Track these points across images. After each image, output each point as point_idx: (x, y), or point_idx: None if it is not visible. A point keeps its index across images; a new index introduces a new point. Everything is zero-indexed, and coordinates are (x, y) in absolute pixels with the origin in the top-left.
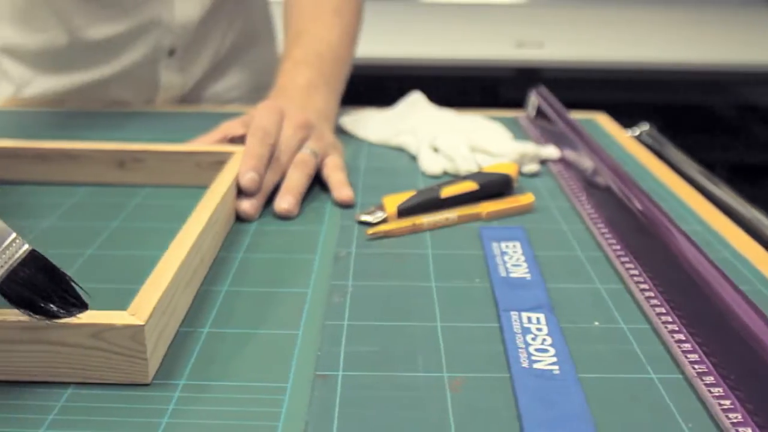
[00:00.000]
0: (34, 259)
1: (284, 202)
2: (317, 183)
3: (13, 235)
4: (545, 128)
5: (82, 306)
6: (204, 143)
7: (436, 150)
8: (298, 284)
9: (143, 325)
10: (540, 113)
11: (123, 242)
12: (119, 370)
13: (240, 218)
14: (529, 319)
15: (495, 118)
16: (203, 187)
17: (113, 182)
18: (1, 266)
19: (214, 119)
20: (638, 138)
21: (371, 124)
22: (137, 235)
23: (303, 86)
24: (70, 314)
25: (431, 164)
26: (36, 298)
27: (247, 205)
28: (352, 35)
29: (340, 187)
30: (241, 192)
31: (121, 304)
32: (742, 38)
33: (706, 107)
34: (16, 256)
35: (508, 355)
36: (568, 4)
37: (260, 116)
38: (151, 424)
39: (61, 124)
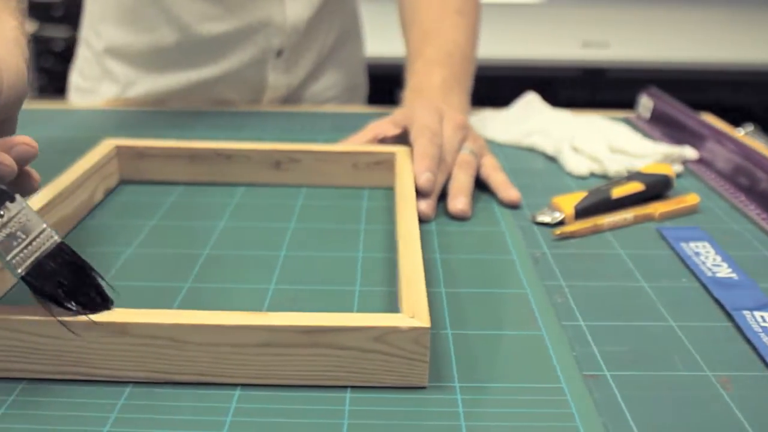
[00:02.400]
0: (61, 252)
1: (459, 203)
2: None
3: (43, 226)
4: (669, 128)
5: (105, 305)
6: (355, 143)
7: (576, 151)
8: (512, 285)
9: (428, 328)
10: (657, 114)
11: (310, 243)
12: (398, 373)
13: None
14: (763, 318)
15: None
16: (359, 188)
17: (268, 182)
18: (28, 257)
19: (317, 119)
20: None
21: (495, 124)
22: (320, 236)
23: (438, 86)
24: (87, 313)
25: (577, 165)
26: (58, 292)
27: (424, 206)
28: (476, 34)
29: (506, 187)
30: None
31: (308, 305)
32: None
33: None
34: (44, 248)
35: (762, 354)
36: (633, 4)
37: (422, 116)
38: (443, 427)
39: (166, 123)
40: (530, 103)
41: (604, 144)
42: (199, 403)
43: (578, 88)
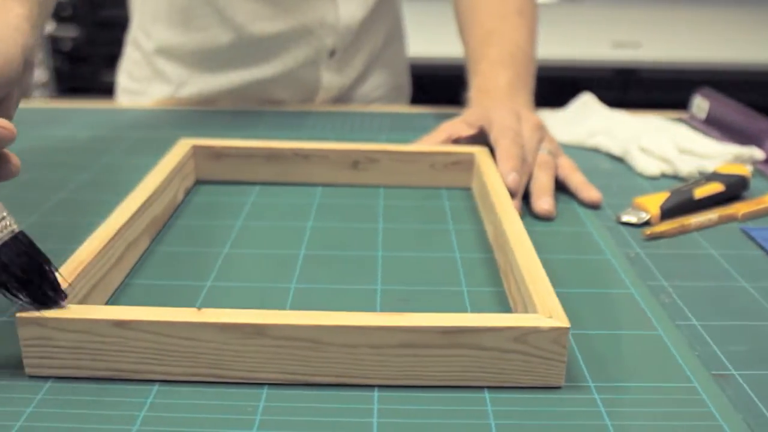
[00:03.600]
0: (17, 242)
1: (544, 203)
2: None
3: (3, 214)
4: (727, 129)
5: (57, 300)
6: (429, 144)
7: (644, 151)
8: (615, 285)
9: (568, 328)
10: (714, 114)
11: (404, 243)
12: (535, 374)
13: None
14: None
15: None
16: (435, 188)
17: (345, 182)
18: None
19: (368, 119)
20: None
21: (554, 125)
22: (412, 237)
23: (504, 87)
24: (37, 307)
25: (648, 166)
26: (11, 281)
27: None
28: (535, 35)
29: (587, 188)
30: None
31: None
32: None
33: None
34: (1, 235)
35: None
36: (664, 4)
37: (502, 117)
38: (589, 426)
39: (218, 123)
40: (586, 103)
41: (671, 144)
42: (341, 405)
43: (609, 88)
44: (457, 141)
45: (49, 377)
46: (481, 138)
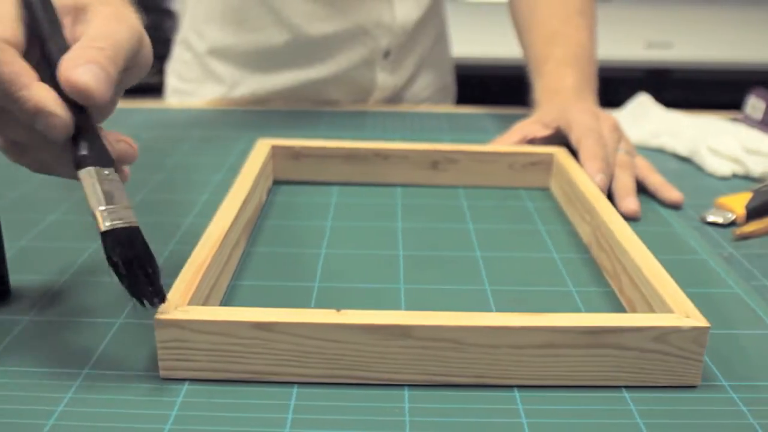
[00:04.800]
0: (136, 234)
1: (630, 203)
2: None
3: (129, 205)
4: None
5: (155, 301)
6: (503, 144)
7: (712, 152)
8: (717, 284)
9: (708, 327)
10: None
11: (499, 243)
12: (673, 373)
13: None
14: None
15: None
16: (514, 189)
17: (424, 183)
18: (114, 219)
19: (424, 119)
20: None
21: None
22: (504, 237)
23: (572, 88)
24: (137, 300)
25: (718, 166)
26: (120, 265)
27: None
28: (595, 35)
29: (667, 188)
30: None
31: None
32: None
33: None
34: (127, 221)
35: None
36: (697, 4)
37: (583, 118)
38: (734, 425)
39: (274, 123)
40: (642, 103)
41: (738, 144)
42: (485, 405)
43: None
44: (531, 141)
45: (184, 380)
46: (556, 138)
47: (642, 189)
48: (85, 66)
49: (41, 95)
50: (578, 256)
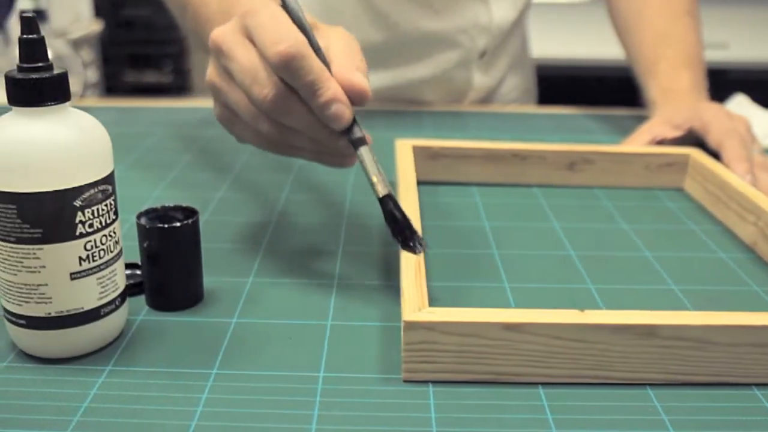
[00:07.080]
0: (393, 198)
1: None
2: None
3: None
4: None
5: (417, 248)
6: (634, 145)
7: None
8: None
9: None
10: None
11: (659, 244)
12: None
13: None
14: None
15: None
16: (649, 189)
17: (560, 183)
18: (384, 186)
19: (527, 119)
20: None
21: None
22: (660, 237)
23: (688, 89)
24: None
25: None
26: (400, 221)
27: None
28: (702, 36)
29: None
30: None
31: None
32: None
33: None
34: (387, 187)
35: None
36: (752, 3)
37: (720, 119)
38: None
39: (375, 123)
40: (740, 104)
41: None
42: (726, 403)
43: None
44: (661, 142)
45: (426, 381)
46: (687, 139)
47: None
48: (357, 72)
49: (337, 89)
50: (744, 255)
